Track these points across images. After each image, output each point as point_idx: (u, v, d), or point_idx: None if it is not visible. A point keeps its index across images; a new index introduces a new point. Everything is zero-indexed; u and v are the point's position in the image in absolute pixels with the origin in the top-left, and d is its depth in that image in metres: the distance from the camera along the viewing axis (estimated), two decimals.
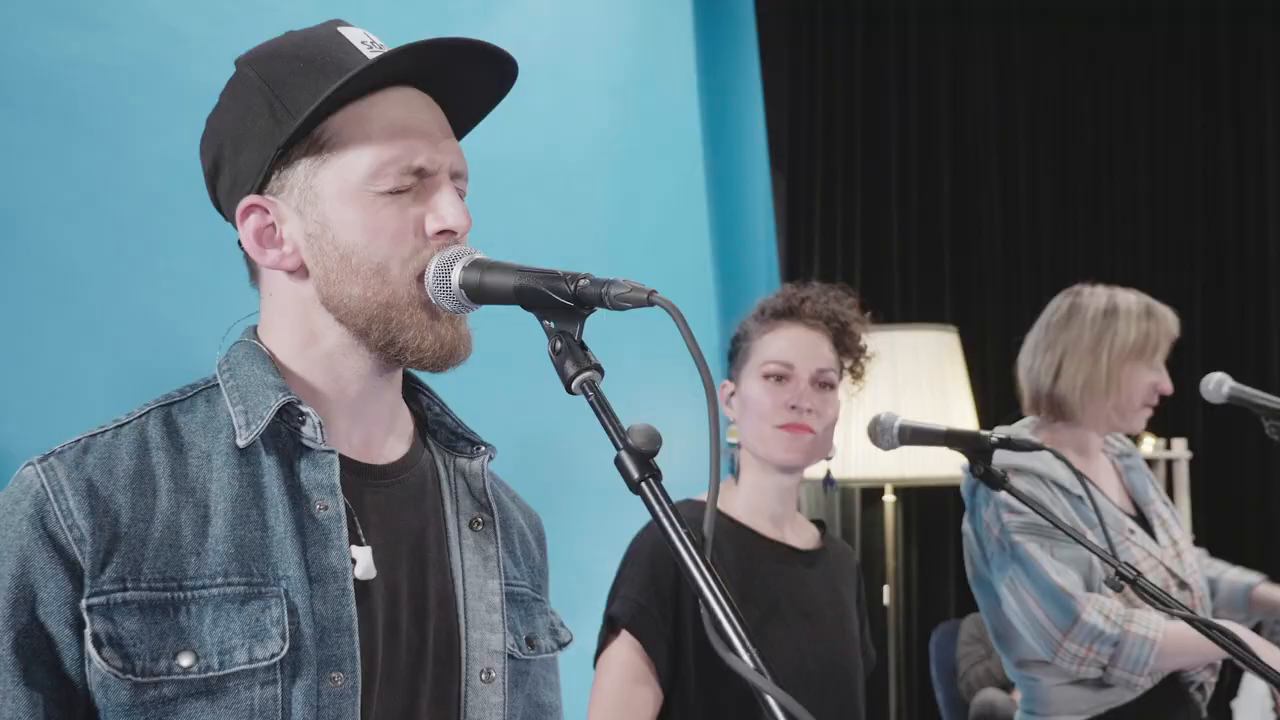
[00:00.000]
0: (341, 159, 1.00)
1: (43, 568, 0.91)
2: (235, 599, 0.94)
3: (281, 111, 1.00)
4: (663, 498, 0.82)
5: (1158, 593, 1.49)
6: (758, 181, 4.01)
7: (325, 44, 1.03)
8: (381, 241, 1.00)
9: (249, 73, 1.04)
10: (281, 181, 1.02)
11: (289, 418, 1.01)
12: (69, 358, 2.02)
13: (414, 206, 1.02)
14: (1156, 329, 2.25)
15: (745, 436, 1.84)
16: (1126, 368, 2.23)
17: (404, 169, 1.01)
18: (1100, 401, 2.25)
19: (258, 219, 1.02)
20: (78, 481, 0.94)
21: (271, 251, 1.02)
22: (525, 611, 1.15)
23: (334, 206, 1.00)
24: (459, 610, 1.07)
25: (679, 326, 0.83)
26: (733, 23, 3.94)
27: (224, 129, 1.05)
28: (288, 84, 1.01)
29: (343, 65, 1.00)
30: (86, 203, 2.10)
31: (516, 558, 1.17)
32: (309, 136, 1.00)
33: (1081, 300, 2.32)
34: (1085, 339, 2.26)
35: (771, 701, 0.73)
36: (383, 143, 1.00)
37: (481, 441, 1.15)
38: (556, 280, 0.91)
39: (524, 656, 1.12)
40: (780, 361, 1.79)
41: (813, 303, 1.84)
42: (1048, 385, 2.30)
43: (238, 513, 0.97)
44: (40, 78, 2.07)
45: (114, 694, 0.91)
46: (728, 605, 0.78)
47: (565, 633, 1.20)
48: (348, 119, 1.01)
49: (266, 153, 1.00)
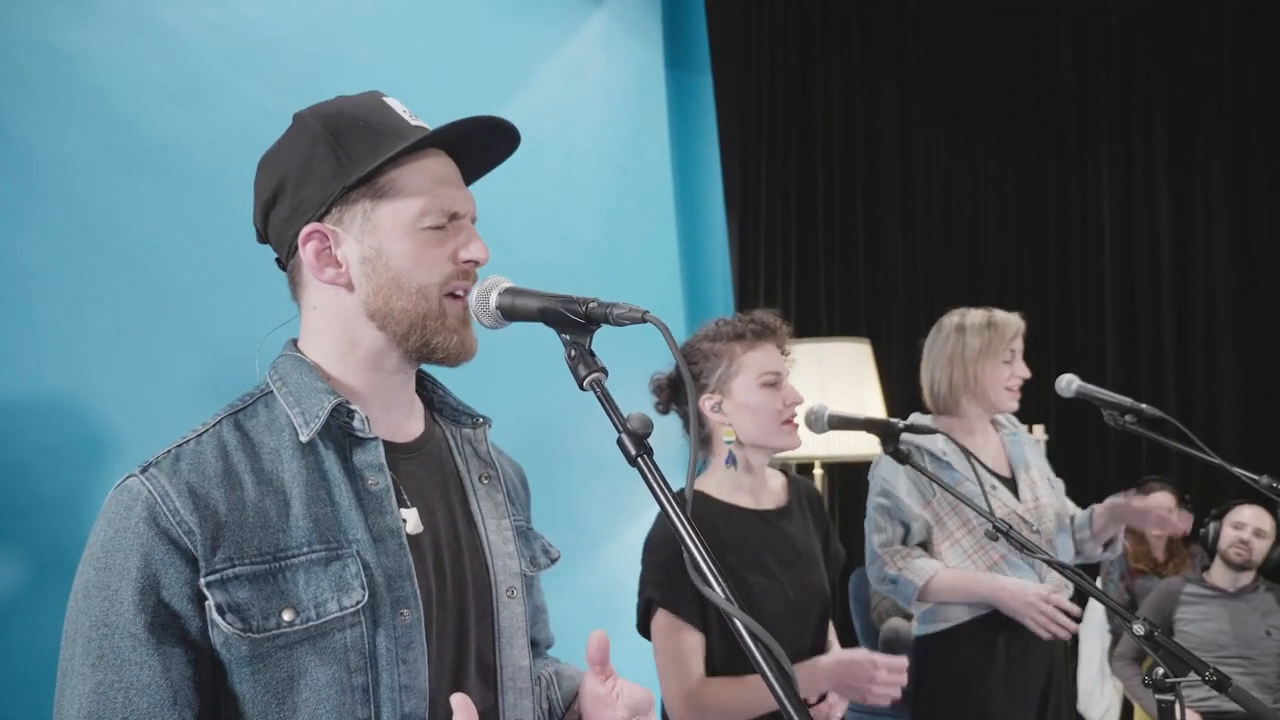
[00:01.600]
0: (397, 201, 1.00)
1: (162, 559, 0.90)
2: (320, 562, 0.94)
3: (345, 159, 0.99)
4: (655, 470, 0.83)
5: (1026, 541, 1.51)
6: (715, 225, 4.03)
7: (376, 109, 1.03)
8: (425, 267, 1.00)
9: (314, 124, 1.01)
10: (340, 214, 1.00)
11: (339, 415, 1.00)
12: (175, 361, 2.01)
13: (448, 241, 1.02)
14: (997, 334, 2.29)
15: (749, 434, 1.77)
16: (981, 367, 2.27)
17: (444, 212, 1.02)
18: (969, 396, 2.30)
19: (318, 242, 1.00)
20: (179, 485, 0.92)
21: (329, 269, 1.01)
22: (526, 540, 1.16)
23: (390, 237, 1.00)
24: (484, 546, 1.08)
25: (665, 338, 0.84)
26: (696, 105, 3.97)
27: (287, 166, 1.02)
28: (349, 137, 1.00)
29: (395, 128, 1.00)
30: (195, 239, 2.09)
31: (514, 499, 1.17)
32: (370, 182, 1.00)
33: (943, 323, 2.39)
34: (946, 352, 2.31)
35: (738, 623, 0.75)
36: (429, 192, 1.01)
37: (480, 414, 1.15)
38: (571, 303, 0.92)
39: (531, 573, 1.14)
40: (774, 371, 1.77)
41: (778, 324, 1.83)
42: (930, 388, 2.36)
43: (310, 494, 0.96)
44: (160, 145, 2.07)
45: (236, 649, 0.90)
46: (705, 551, 0.79)
47: (554, 550, 1.21)
48: (403, 172, 1.00)
49: (330, 190, 0.99)
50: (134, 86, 2.05)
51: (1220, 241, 4.72)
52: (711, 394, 1.78)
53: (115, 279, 1.95)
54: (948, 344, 2.33)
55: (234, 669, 0.91)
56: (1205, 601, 3.45)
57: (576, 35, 3.33)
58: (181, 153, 2.10)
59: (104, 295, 1.93)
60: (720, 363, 1.78)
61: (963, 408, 2.32)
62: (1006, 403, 2.32)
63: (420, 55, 2.70)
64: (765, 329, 1.80)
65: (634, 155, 3.57)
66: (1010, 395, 2.31)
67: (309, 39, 2.44)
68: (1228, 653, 3.34)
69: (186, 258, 2.07)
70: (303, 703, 0.91)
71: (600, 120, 3.41)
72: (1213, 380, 4.69)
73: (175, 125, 2.10)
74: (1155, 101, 4.85)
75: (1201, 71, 4.77)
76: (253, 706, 0.91)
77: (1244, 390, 4.62)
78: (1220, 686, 1.27)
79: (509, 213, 2.92)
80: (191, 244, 2.08)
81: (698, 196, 3.92)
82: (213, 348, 2.05)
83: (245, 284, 2.09)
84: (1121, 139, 4.91)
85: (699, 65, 3.91)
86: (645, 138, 3.67)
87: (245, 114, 2.19)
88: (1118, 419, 2.06)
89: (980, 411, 2.33)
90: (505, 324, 1.00)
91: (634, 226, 3.50)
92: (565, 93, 3.25)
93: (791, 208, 4.35)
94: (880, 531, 2.19)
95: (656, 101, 3.76)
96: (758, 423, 1.76)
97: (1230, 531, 3.44)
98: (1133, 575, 4.09)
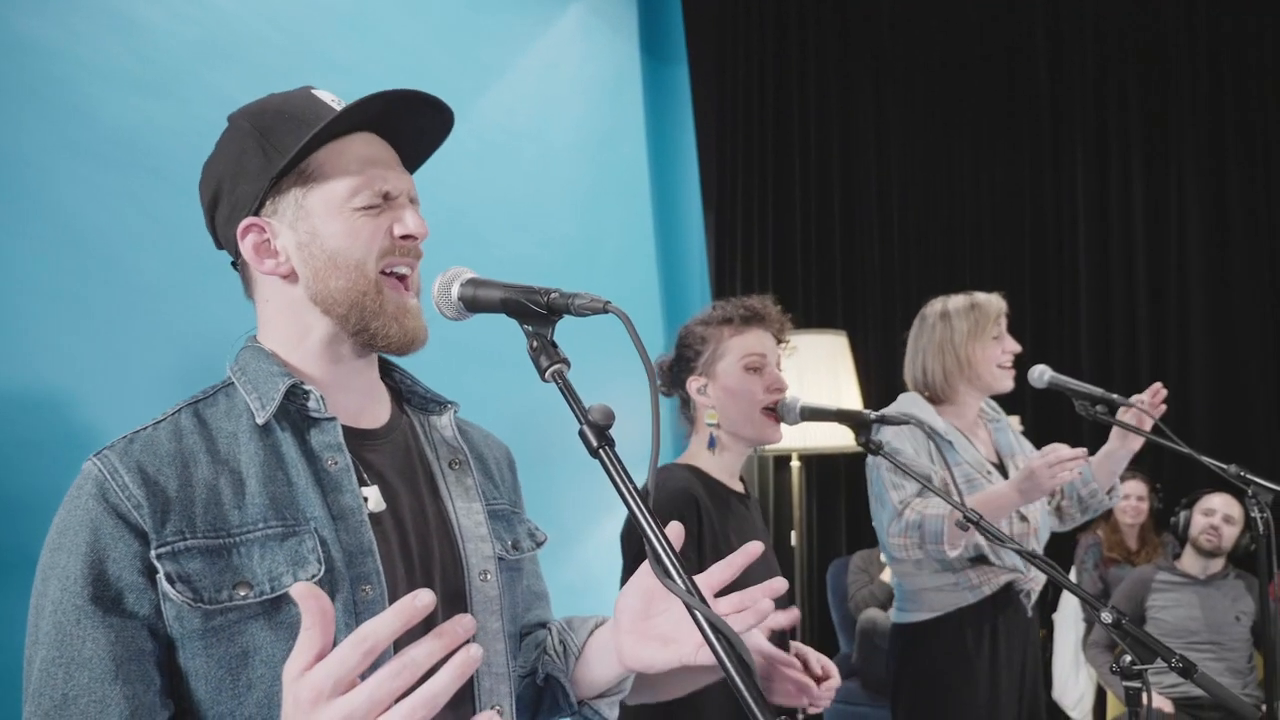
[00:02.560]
0: (326, 184, 1.00)
1: (111, 533, 0.89)
2: (276, 538, 0.92)
3: (272, 151, 0.99)
4: (616, 461, 0.82)
5: (996, 532, 1.51)
6: (692, 219, 4.01)
7: (303, 102, 1.02)
8: (359, 243, 0.99)
9: (243, 124, 1.02)
10: (274, 206, 1.01)
11: (295, 397, 0.99)
12: (144, 356, 1.98)
13: (383, 218, 1.01)
14: (982, 313, 2.29)
15: (730, 419, 1.77)
16: (971, 348, 2.27)
17: (375, 192, 1.00)
18: (964, 380, 2.29)
19: (256, 235, 1.01)
20: (129, 463, 0.92)
21: (268, 260, 1.01)
22: (507, 523, 1.14)
23: (322, 220, 0.99)
24: (455, 530, 1.06)
25: (627, 328, 0.83)
26: (673, 97, 3.95)
27: (222, 168, 1.03)
28: (276, 130, 1.00)
29: (320, 116, 1.00)
30: (163, 236, 2.06)
31: (495, 482, 1.16)
32: (297, 170, 0.99)
33: (926, 312, 2.38)
34: (935, 340, 2.30)
35: (699, 616, 0.73)
36: (357, 172, 1.00)
37: (447, 401, 1.14)
38: (533, 293, 0.90)
39: (512, 557, 1.12)
40: (757, 354, 1.77)
41: (769, 310, 1.83)
42: (923, 380, 2.33)
43: (266, 474, 0.95)
44: (127, 138, 2.03)
45: (188, 622, 0.89)
46: (666, 543, 0.77)
47: (541, 534, 1.19)
48: (328, 155, 1.00)
49: (261, 183, 0.99)
50: (99, 78, 2.01)
51: (1194, 233, 4.76)
52: (698, 376, 1.80)
53: (82, 274, 1.92)
54: (935, 332, 2.31)
55: (187, 643, 0.89)
56: (1176, 588, 3.48)
57: (552, 28, 3.31)
58: (149, 146, 2.06)
59: (70, 291, 1.90)
60: (708, 346, 1.80)
61: (959, 394, 2.31)
62: (1002, 381, 2.31)
63: (393, 48, 2.67)
64: (754, 314, 1.80)
65: (611, 149, 3.55)
66: (1005, 373, 2.30)
67: (280, 31, 2.41)
68: (1199, 638, 3.37)
69: (155, 252, 2.04)
70: (258, 679, 0.90)
71: (577, 114, 3.39)
72: (1186, 372, 4.73)
73: (142, 118, 2.06)
74: (1129, 92, 4.88)
75: (1175, 62, 4.79)
76: (207, 682, 0.89)
77: (1217, 381, 4.67)
78: (1186, 673, 1.28)
79: (485, 208, 2.90)
80: (160, 238, 2.05)
81: (675, 189, 3.91)
82: (182, 343, 2.02)
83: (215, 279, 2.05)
84: (1095, 131, 4.94)
85: (675, 56, 3.89)
86: (622, 131, 3.64)
87: (214, 107, 2.11)
88: (1089, 409, 2.07)
89: (975, 397, 2.33)
90: (468, 315, 0.98)
91: (611, 220, 3.48)
92: (541, 86, 3.22)
93: (768, 199, 4.34)
94: (896, 489, 2.15)
95: (633, 94, 3.74)
96: (738, 407, 1.76)
97: (1200, 519, 3.48)
98: (1106, 564, 4.12)
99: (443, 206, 2.78)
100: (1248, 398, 4.61)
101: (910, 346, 2.38)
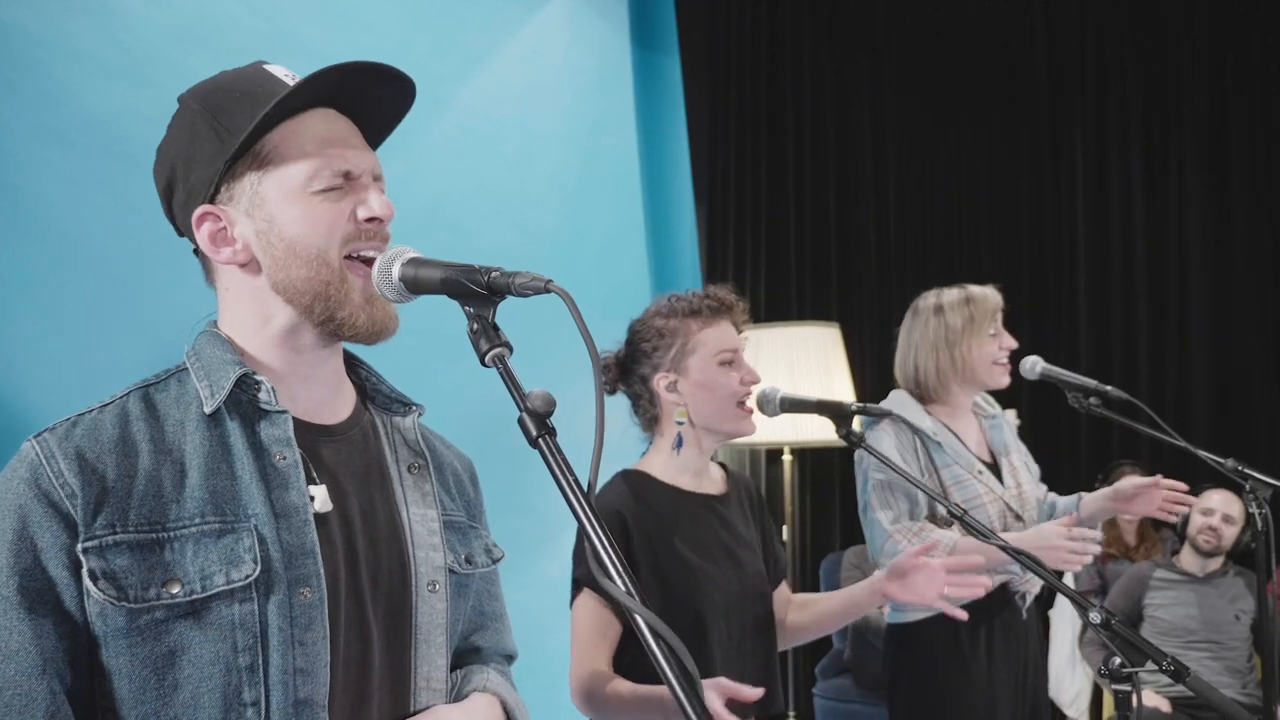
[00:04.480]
0: (282, 168, 0.95)
1: (39, 520, 0.86)
2: (212, 534, 0.89)
3: (225, 133, 0.94)
4: (556, 452, 0.77)
5: (980, 526, 1.46)
6: (684, 211, 3.95)
7: (255, 78, 0.97)
8: (320, 230, 0.95)
9: (192, 104, 0.97)
10: (230, 192, 0.96)
11: (246, 387, 0.95)
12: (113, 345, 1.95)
13: (344, 201, 0.96)
14: (976, 308, 2.21)
15: (704, 415, 1.68)
16: (968, 346, 2.19)
17: (334, 172, 0.95)
18: (956, 376, 2.21)
19: (211, 224, 0.96)
20: (67, 449, 0.89)
21: (225, 250, 0.97)
22: (462, 536, 1.09)
23: (279, 206, 0.95)
24: (406, 536, 1.01)
25: (569, 309, 0.78)
26: (663, 87, 3.89)
27: (175, 153, 0.98)
28: (227, 110, 0.95)
29: (273, 93, 0.94)
30: (135, 222, 2.01)
31: (452, 494, 1.11)
32: (251, 152, 0.95)
33: (919, 306, 2.30)
34: (929, 337, 2.23)
35: (639, 620, 0.68)
36: (314, 153, 0.95)
37: (412, 402, 1.09)
38: (473, 272, 0.85)
39: (464, 571, 1.07)
40: (731, 349, 1.68)
41: (734, 300, 1.74)
42: (914, 376, 2.26)
43: (209, 466, 0.92)
44: (100, 125, 1.99)
45: (112, 621, 0.86)
46: (607, 541, 0.72)
47: (498, 550, 1.14)
48: (284, 135, 0.95)
49: (215, 168, 0.95)
50: (71, 62, 1.97)
51: (1194, 227, 4.71)
52: (666, 373, 1.69)
53: (55, 262, 1.89)
54: (928, 328, 2.23)
55: (110, 642, 0.86)
56: (1175, 586, 3.42)
57: (538, 13, 3.24)
58: (121, 131, 2.01)
59: (39, 278, 1.86)
60: (675, 340, 1.69)
61: (952, 393, 2.23)
62: (998, 378, 2.23)
63: (372, 33, 2.62)
64: (722, 305, 1.71)
65: (599, 139, 3.49)
66: (1001, 370, 2.23)
67: (256, 15, 2.35)
68: (1197, 637, 3.31)
69: (125, 239, 2.00)
70: (184, 680, 0.87)
71: (563, 103, 3.33)
72: (1186, 365, 4.69)
73: (115, 103, 2.02)
74: (1129, 87, 4.82)
75: (1177, 56, 4.74)
76: (130, 683, 0.86)
77: (1217, 375, 4.62)
78: (1178, 676, 1.22)
79: (467, 198, 2.84)
80: (131, 226, 2.00)
81: (665, 180, 3.85)
82: (154, 331, 1.97)
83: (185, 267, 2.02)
84: (1095, 124, 4.89)
85: (666, 46, 3.83)
86: (610, 121, 3.58)
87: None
88: (1082, 401, 2.01)
89: (968, 395, 2.27)
90: (411, 298, 0.93)
91: (599, 212, 3.42)
92: (526, 74, 3.16)
93: (761, 190, 4.29)
94: (886, 509, 2.08)
95: (622, 83, 3.67)
96: (714, 402, 1.68)
97: (1199, 518, 3.41)
98: (1104, 560, 4.07)
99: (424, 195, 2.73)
100: (1247, 393, 4.56)
101: (902, 341, 2.31)
